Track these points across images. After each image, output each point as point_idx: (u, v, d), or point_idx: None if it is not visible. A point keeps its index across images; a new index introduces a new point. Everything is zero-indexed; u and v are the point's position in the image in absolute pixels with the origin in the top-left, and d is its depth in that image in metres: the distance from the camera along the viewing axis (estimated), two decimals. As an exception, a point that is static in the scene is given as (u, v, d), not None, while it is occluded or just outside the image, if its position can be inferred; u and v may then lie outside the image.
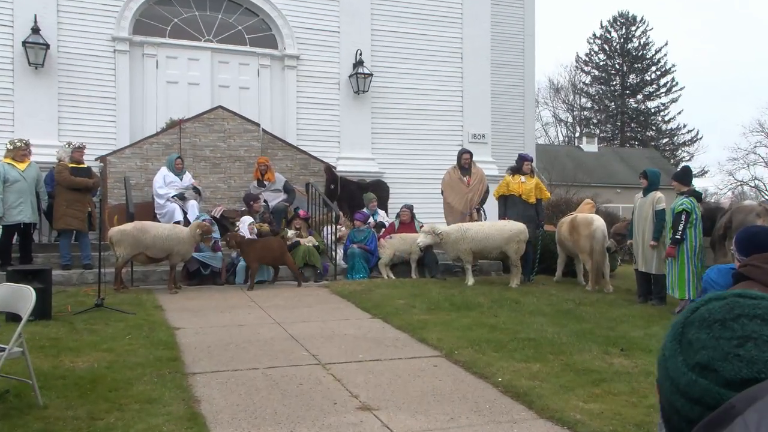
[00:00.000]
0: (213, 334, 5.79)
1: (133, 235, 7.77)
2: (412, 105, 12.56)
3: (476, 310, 7.04)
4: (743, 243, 2.77)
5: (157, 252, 7.92)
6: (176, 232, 8.06)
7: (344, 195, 11.03)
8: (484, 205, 10.16)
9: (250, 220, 9.18)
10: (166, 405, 3.90)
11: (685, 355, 0.84)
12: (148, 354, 5.00)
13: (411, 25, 12.60)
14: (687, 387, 0.83)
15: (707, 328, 0.84)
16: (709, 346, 0.83)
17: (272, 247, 8.51)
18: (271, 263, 8.71)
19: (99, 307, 6.54)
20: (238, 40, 11.80)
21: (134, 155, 10.31)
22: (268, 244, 8.53)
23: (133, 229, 7.84)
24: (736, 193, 37.26)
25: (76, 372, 4.50)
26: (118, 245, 7.74)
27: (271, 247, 8.50)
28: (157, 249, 7.89)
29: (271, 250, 8.47)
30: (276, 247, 8.54)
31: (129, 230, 7.80)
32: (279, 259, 8.60)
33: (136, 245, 7.78)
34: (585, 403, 4.06)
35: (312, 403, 4.02)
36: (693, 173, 8.35)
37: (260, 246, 8.45)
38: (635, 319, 6.82)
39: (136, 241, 7.77)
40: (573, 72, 47.98)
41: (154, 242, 7.84)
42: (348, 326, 6.23)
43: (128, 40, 10.98)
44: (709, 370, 0.82)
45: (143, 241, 7.79)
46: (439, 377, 4.64)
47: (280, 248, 8.56)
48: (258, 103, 11.86)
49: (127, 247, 7.75)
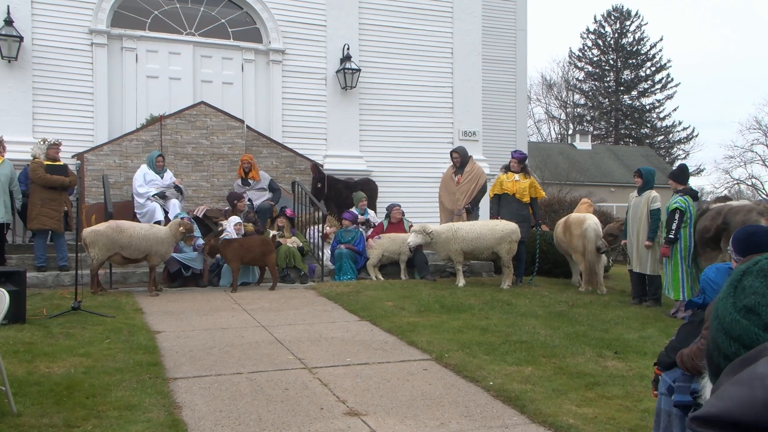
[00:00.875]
0: (195, 338, 5.76)
1: (108, 235, 7.68)
2: (402, 101, 12.58)
3: (467, 312, 7.06)
4: (741, 243, 2.80)
5: (134, 252, 7.85)
6: (154, 231, 8.01)
7: (331, 194, 11.02)
8: (478, 204, 10.17)
9: (237, 220, 9.15)
10: (146, 411, 3.88)
11: (735, 298, 0.95)
12: (127, 359, 4.97)
13: (400, 20, 12.61)
14: (730, 325, 0.93)
15: (763, 278, 0.95)
16: (759, 292, 0.93)
17: (251, 246, 8.45)
18: (251, 263, 8.66)
19: (76, 310, 6.49)
20: (222, 34, 11.75)
21: (113, 152, 10.23)
22: (247, 244, 8.48)
23: (107, 228, 7.75)
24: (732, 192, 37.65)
25: (52, 378, 4.46)
26: (93, 246, 7.64)
27: (250, 246, 8.45)
28: (133, 249, 7.81)
29: (250, 249, 8.42)
30: (256, 246, 8.48)
31: (103, 230, 7.72)
32: (259, 260, 8.55)
33: (111, 246, 7.70)
34: (578, 408, 4.09)
35: (298, 409, 4.02)
36: (689, 172, 8.44)
37: (238, 245, 8.40)
38: (630, 321, 6.88)
39: (111, 241, 7.69)
40: (566, 68, 48.43)
41: (131, 242, 7.77)
42: (335, 329, 6.23)
43: (106, 33, 10.89)
44: (753, 313, 0.92)
45: (119, 241, 7.72)
46: (429, 381, 4.66)
47: (262, 248, 8.49)
48: (242, 99, 11.82)
49: (102, 248, 7.66)
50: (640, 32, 45.55)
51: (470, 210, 9.89)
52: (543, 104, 48.08)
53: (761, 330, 0.91)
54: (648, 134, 45.82)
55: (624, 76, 45.86)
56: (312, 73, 12.07)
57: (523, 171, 9.51)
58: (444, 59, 12.97)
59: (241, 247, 8.39)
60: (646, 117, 46.00)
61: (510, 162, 9.58)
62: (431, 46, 12.85)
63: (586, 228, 8.99)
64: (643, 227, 8.03)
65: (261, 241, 8.62)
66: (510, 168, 9.51)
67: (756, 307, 0.92)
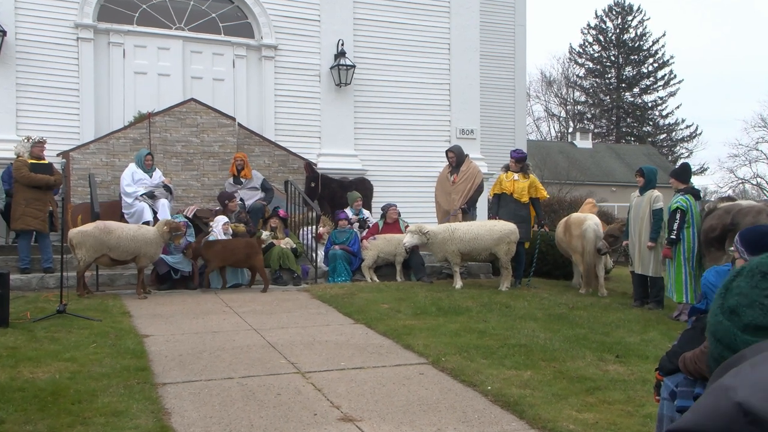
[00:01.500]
0: (185, 342, 5.75)
1: (95, 236, 7.65)
2: (398, 99, 12.58)
3: (464, 314, 7.07)
4: (752, 242, 2.82)
5: (122, 254, 7.82)
6: (143, 232, 7.99)
7: (325, 194, 11.01)
8: (475, 204, 10.19)
9: (225, 220, 9.13)
10: (134, 418, 3.87)
11: (723, 299, 0.96)
12: (114, 363, 4.96)
13: (396, 14, 12.61)
14: (715, 327, 0.96)
15: (751, 278, 0.95)
16: (743, 293, 0.94)
17: (235, 248, 8.40)
18: (235, 265, 8.61)
19: (61, 313, 6.46)
20: (212, 29, 11.73)
21: (99, 151, 10.20)
22: (230, 245, 8.43)
23: (94, 229, 7.72)
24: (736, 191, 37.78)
25: (36, 383, 4.44)
26: (79, 247, 7.61)
27: (233, 248, 8.39)
28: (122, 250, 7.79)
29: (233, 251, 8.37)
30: (240, 248, 8.41)
31: (90, 231, 7.69)
32: (244, 262, 8.49)
33: (98, 247, 7.67)
34: (578, 413, 4.09)
35: (291, 415, 4.01)
36: (692, 170, 8.46)
37: (221, 247, 8.37)
38: (631, 324, 6.90)
39: (99, 242, 7.66)
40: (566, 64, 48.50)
41: (119, 243, 7.74)
42: (329, 332, 6.23)
43: (92, 28, 10.85)
44: (735, 314, 0.93)
45: (106, 242, 7.69)
46: (426, 386, 4.66)
47: (247, 250, 8.41)
48: (233, 96, 11.80)
49: (89, 249, 7.63)
50: (642, 27, 45.69)
51: (466, 210, 9.90)
52: (542, 102, 48.25)
53: (740, 330, 0.91)
54: (650, 132, 45.95)
55: (625, 73, 45.97)
56: (305, 70, 12.06)
57: (522, 170, 9.53)
58: (441, 55, 12.98)
59: (224, 249, 8.35)
60: (648, 115, 46.12)
61: (509, 161, 9.64)
62: (428, 41, 12.86)
63: (586, 228, 9.01)
64: (645, 228, 8.05)
65: (245, 243, 8.56)
66: (509, 168, 9.56)
67: (737, 307, 0.93)
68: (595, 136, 42.74)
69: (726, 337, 0.92)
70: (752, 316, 0.91)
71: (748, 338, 0.90)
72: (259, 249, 8.56)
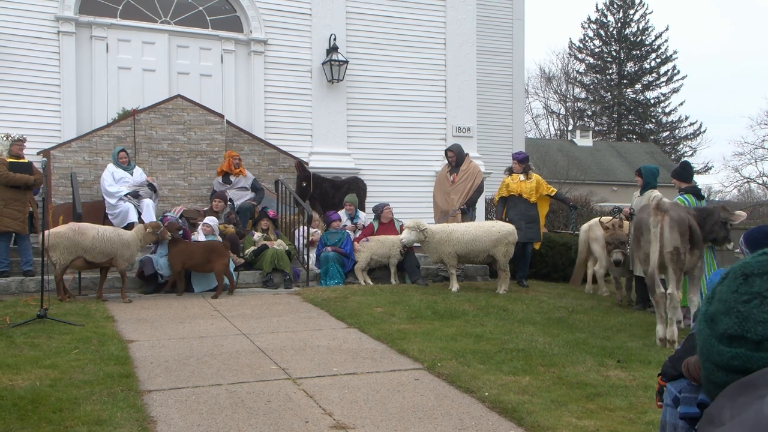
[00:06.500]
0: (171, 347, 5.74)
1: (69, 237, 7.60)
2: (392, 95, 12.59)
3: (461, 318, 7.09)
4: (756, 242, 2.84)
5: (98, 256, 7.78)
6: (119, 233, 7.98)
7: (317, 193, 11.01)
8: (475, 205, 10.29)
9: (215, 221, 9.11)
10: (118, 426, 3.86)
11: (708, 305, 0.94)
12: (97, 370, 4.94)
13: (390, 8, 12.63)
14: (698, 335, 0.93)
15: (733, 281, 0.93)
16: (723, 299, 0.91)
17: (194, 251, 8.29)
18: (193, 269, 8.48)
19: (41, 318, 6.43)
20: (199, 23, 11.71)
21: (82, 149, 10.16)
22: (190, 248, 8.34)
23: (68, 230, 7.67)
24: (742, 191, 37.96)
25: (15, 391, 4.42)
26: (53, 250, 7.53)
27: (192, 251, 8.29)
28: (97, 252, 7.75)
29: (192, 255, 8.26)
30: (199, 252, 8.29)
31: (64, 232, 7.63)
32: (203, 266, 8.36)
33: (72, 248, 7.61)
34: (579, 420, 4.11)
35: (281, 422, 4.01)
36: (693, 169, 8.50)
37: (181, 248, 8.29)
38: (633, 328, 6.93)
39: (73, 243, 7.60)
40: (566, 59, 48.67)
41: (94, 245, 7.69)
42: (321, 337, 6.23)
43: (74, 21, 10.82)
44: (713, 322, 0.90)
45: (81, 243, 7.64)
46: (421, 392, 4.66)
47: (207, 254, 8.28)
48: (222, 92, 11.78)
49: (63, 251, 7.57)
50: (644, 22, 45.85)
51: (465, 211, 9.95)
52: (541, 98, 48.37)
53: (716, 340, 0.87)
54: (653, 130, 46.14)
55: (627, 69, 46.13)
56: (296, 65, 12.06)
57: (525, 171, 9.78)
58: (437, 50, 13.01)
59: (182, 252, 8.28)
60: (650, 112, 46.30)
61: (512, 164, 9.88)
62: (423, 36, 12.88)
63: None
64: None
65: (206, 246, 8.44)
66: (513, 170, 9.82)
67: (716, 315, 0.90)
68: (596, 133, 42.88)
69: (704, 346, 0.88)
70: (727, 324, 0.87)
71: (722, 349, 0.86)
72: (224, 252, 8.38)
